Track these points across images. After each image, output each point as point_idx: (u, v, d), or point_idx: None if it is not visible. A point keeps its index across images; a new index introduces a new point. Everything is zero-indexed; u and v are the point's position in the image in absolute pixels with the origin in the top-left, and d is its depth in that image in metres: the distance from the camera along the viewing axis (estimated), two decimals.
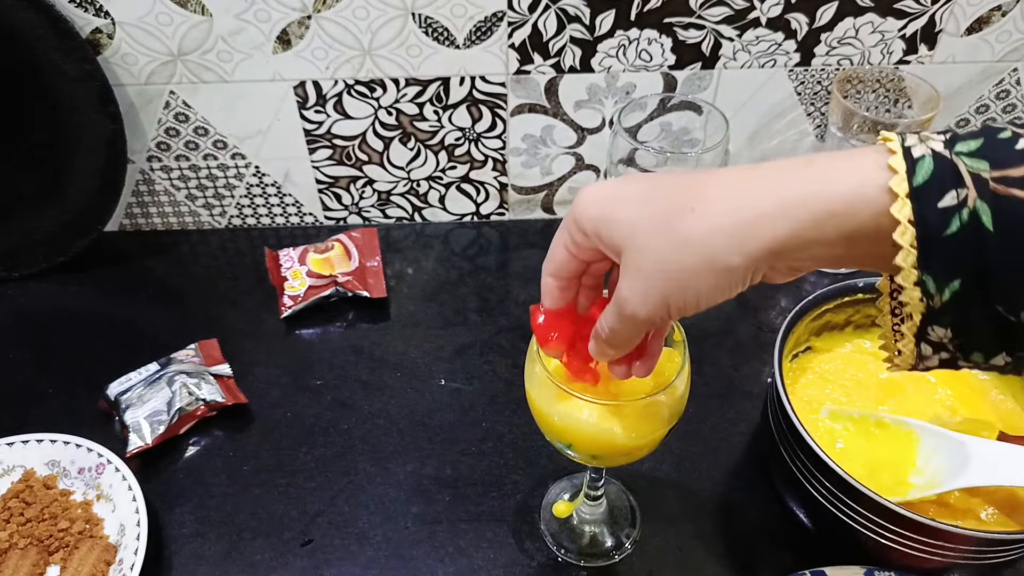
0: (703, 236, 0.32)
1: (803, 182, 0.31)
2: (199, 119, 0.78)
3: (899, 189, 0.29)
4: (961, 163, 0.28)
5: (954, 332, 0.30)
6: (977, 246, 0.28)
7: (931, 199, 0.28)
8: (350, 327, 0.77)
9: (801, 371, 0.64)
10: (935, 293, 0.29)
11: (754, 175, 0.33)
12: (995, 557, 0.51)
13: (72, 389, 0.71)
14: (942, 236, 0.28)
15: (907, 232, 0.29)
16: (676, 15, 0.72)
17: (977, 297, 0.29)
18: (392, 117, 0.78)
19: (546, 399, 0.46)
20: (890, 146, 0.30)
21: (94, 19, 0.70)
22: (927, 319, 0.30)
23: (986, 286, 0.28)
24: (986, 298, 0.29)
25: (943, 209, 0.28)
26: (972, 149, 0.28)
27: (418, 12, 0.71)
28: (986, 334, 0.30)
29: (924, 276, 0.29)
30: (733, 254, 0.32)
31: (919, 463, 0.56)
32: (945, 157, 0.28)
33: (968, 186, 0.28)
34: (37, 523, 0.60)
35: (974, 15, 0.74)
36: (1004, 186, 0.27)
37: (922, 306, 0.30)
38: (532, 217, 0.89)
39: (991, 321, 0.29)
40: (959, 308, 0.29)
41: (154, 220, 0.87)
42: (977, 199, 0.27)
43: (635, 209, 0.34)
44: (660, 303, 0.35)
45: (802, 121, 0.81)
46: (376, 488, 0.64)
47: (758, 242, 0.32)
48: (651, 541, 0.61)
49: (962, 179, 0.28)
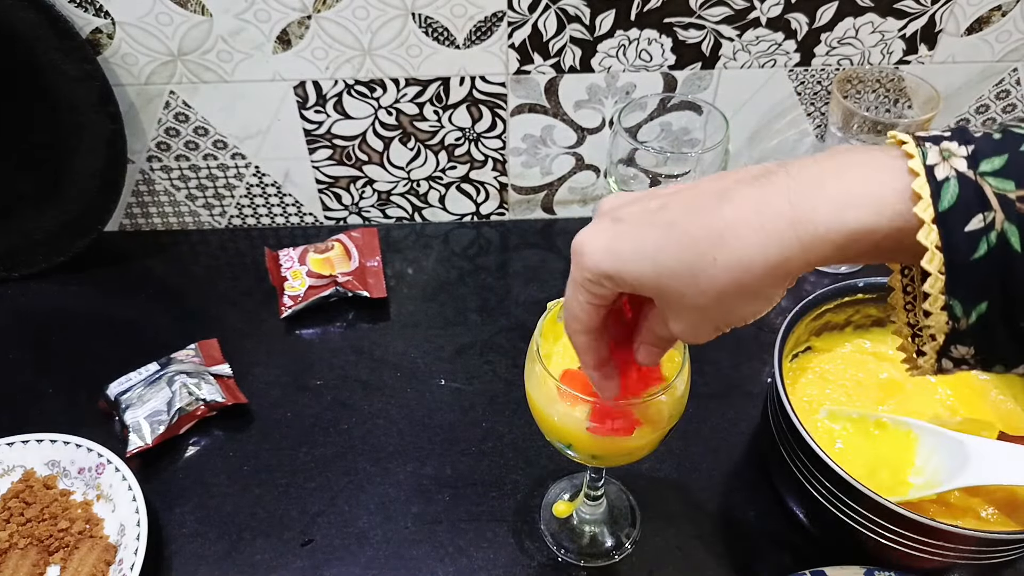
0: (733, 284, 0.32)
1: (822, 213, 0.30)
2: (199, 119, 0.78)
3: (925, 215, 0.28)
4: (987, 185, 0.27)
5: (977, 350, 0.30)
6: (1005, 268, 0.27)
7: (958, 224, 0.28)
8: (350, 327, 0.77)
9: (801, 371, 0.64)
10: (962, 316, 0.29)
11: (767, 209, 0.31)
12: (995, 557, 0.51)
13: (72, 389, 0.71)
14: (970, 261, 0.28)
15: (935, 258, 0.28)
16: (676, 15, 0.72)
17: (1003, 317, 0.28)
18: (392, 117, 0.78)
19: (546, 399, 0.46)
20: (911, 164, 0.29)
21: (94, 19, 0.70)
22: (951, 339, 0.30)
23: (1013, 306, 0.28)
24: (1012, 317, 0.28)
25: (970, 233, 0.27)
26: (996, 168, 0.28)
27: (418, 12, 0.71)
28: (1009, 349, 0.30)
29: (952, 301, 0.29)
30: (766, 287, 0.32)
31: (918, 463, 0.56)
32: (970, 179, 0.28)
33: (995, 208, 0.27)
34: (37, 523, 0.60)
35: (974, 15, 0.74)
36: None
37: (947, 328, 0.29)
38: (532, 217, 0.89)
39: (1015, 338, 0.29)
40: (984, 329, 0.29)
41: (154, 220, 0.87)
42: (1005, 221, 0.27)
43: (651, 266, 0.33)
44: (712, 332, 0.35)
45: (802, 121, 0.81)
46: (376, 488, 0.64)
47: (785, 275, 0.32)
48: (651, 541, 0.61)
49: (988, 202, 0.27)
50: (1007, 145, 0.28)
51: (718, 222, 0.31)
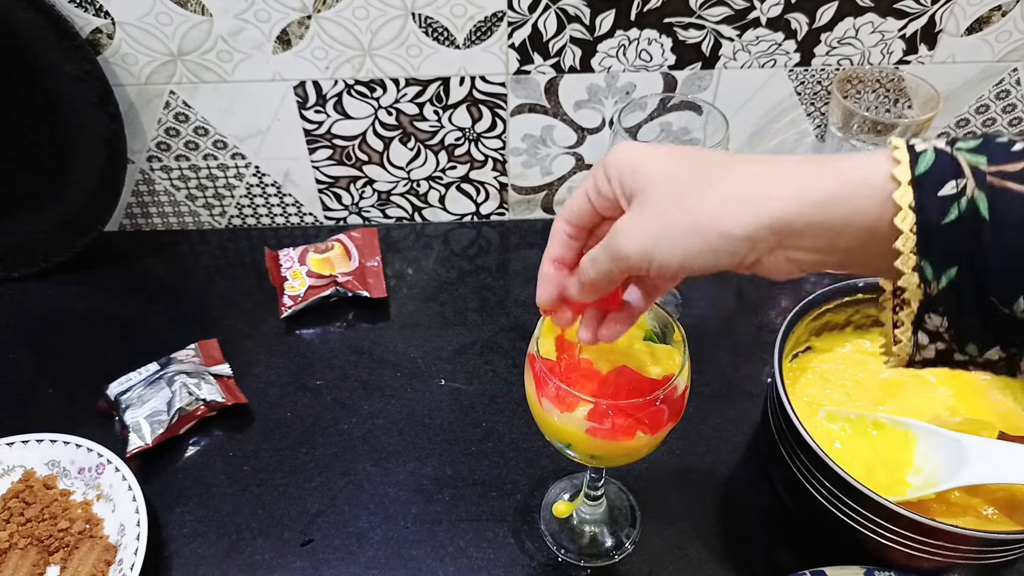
0: (710, 206, 0.34)
1: (816, 174, 0.33)
2: (199, 119, 0.78)
3: (902, 177, 0.30)
4: (961, 156, 0.30)
5: (950, 321, 0.31)
6: (974, 235, 0.29)
7: (932, 187, 0.30)
8: (350, 327, 0.77)
9: (801, 371, 0.64)
10: (932, 280, 0.30)
11: (774, 169, 0.34)
12: (995, 557, 0.51)
13: (72, 389, 0.71)
14: (941, 224, 0.29)
15: (908, 217, 0.30)
16: (676, 15, 0.72)
17: (973, 286, 0.30)
18: (392, 117, 0.78)
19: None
20: (894, 142, 0.32)
21: (94, 19, 0.70)
22: (924, 306, 0.31)
23: (981, 276, 0.29)
24: (981, 288, 0.30)
25: (943, 197, 0.29)
26: (971, 147, 0.30)
27: (418, 12, 0.71)
28: (981, 325, 0.31)
29: (923, 262, 0.30)
30: (731, 221, 0.33)
31: (917, 462, 0.56)
32: (946, 152, 0.30)
33: (967, 176, 0.29)
34: (37, 523, 0.60)
35: (974, 15, 0.74)
36: (1000, 179, 0.29)
37: (920, 292, 0.31)
38: (532, 217, 0.89)
39: (986, 312, 0.30)
40: (955, 296, 0.30)
41: (154, 220, 0.87)
42: (976, 189, 0.29)
43: (660, 166, 0.36)
44: (648, 247, 0.36)
45: (802, 121, 0.81)
46: (376, 488, 0.64)
47: (759, 217, 0.33)
48: (651, 541, 0.61)
49: (962, 170, 0.29)
50: (983, 136, 0.31)
51: (730, 166, 0.35)
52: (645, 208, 0.36)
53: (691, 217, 0.34)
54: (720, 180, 0.34)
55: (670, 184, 0.35)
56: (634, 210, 0.36)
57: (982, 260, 0.29)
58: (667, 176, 0.36)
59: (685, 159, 0.36)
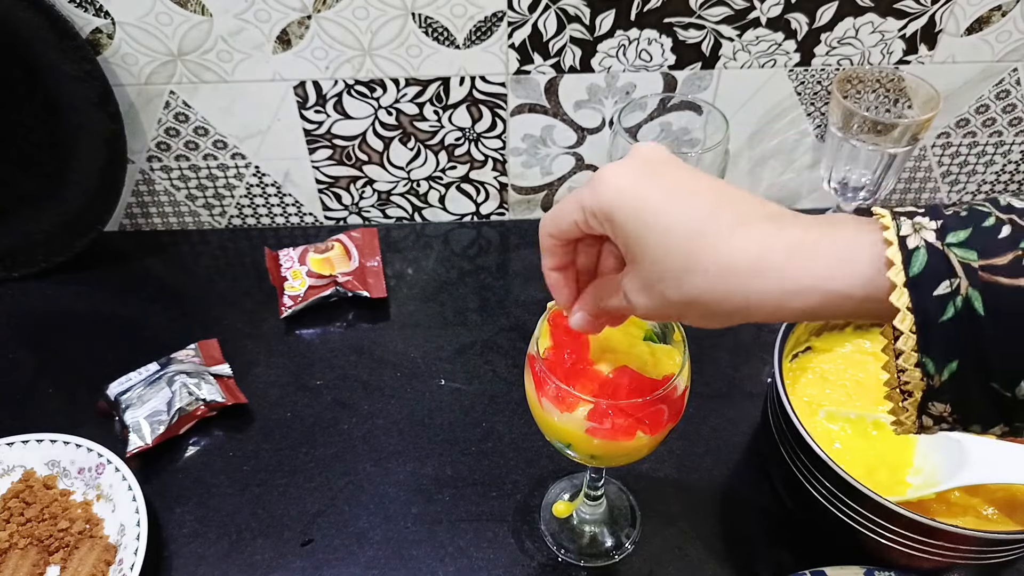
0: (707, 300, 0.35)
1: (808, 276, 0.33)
2: (199, 119, 0.78)
3: (897, 279, 0.31)
4: (952, 254, 0.30)
5: (953, 407, 0.32)
6: (972, 329, 0.30)
7: (927, 288, 0.30)
8: (350, 327, 0.77)
9: (801, 371, 0.64)
10: (935, 373, 0.31)
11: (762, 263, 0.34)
12: (995, 557, 0.51)
13: (72, 389, 0.71)
14: (939, 322, 0.30)
15: (907, 318, 0.31)
16: (676, 15, 0.72)
17: (974, 376, 0.31)
18: (392, 117, 0.78)
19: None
20: (886, 236, 0.32)
21: (94, 19, 0.70)
22: (927, 396, 0.32)
23: (982, 366, 0.30)
24: (982, 376, 0.30)
25: (938, 297, 0.30)
26: (961, 240, 0.30)
27: (418, 12, 0.71)
28: (984, 409, 0.32)
29: (924, 358, 0.31)
30: (731, 318, 0.35)
31: (916, 462, 0.56)
32: (937, 248, 0.31)
33: (960, 276, 0.30)
34: (37, 523, 0.60)
35: (974, 15, 0.74)
36: (990, 274, 0.29)
37: (923, 385, 0.32)
38: (532, 217, 0.89)
39: (988, 397, 0.31)
40: (958, 386, 0.31)
41: (154, 220, 0.87)
42: (969, 287, 0.30)
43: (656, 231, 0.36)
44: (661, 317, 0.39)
45: (802, 121, 0.81)
46: (376, 488, 0.64)
47: (752, 317, 0.35)
48: (651, 541, 0.61)
49: (954, 269, 0.30)
50: (971, 221, 0.31)
51: (724, 246, 0.34)
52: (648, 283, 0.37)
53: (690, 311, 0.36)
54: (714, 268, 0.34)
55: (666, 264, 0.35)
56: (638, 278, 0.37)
57: (981, 351, 0.30)
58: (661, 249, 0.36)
59: (676, 219, 0.35)
